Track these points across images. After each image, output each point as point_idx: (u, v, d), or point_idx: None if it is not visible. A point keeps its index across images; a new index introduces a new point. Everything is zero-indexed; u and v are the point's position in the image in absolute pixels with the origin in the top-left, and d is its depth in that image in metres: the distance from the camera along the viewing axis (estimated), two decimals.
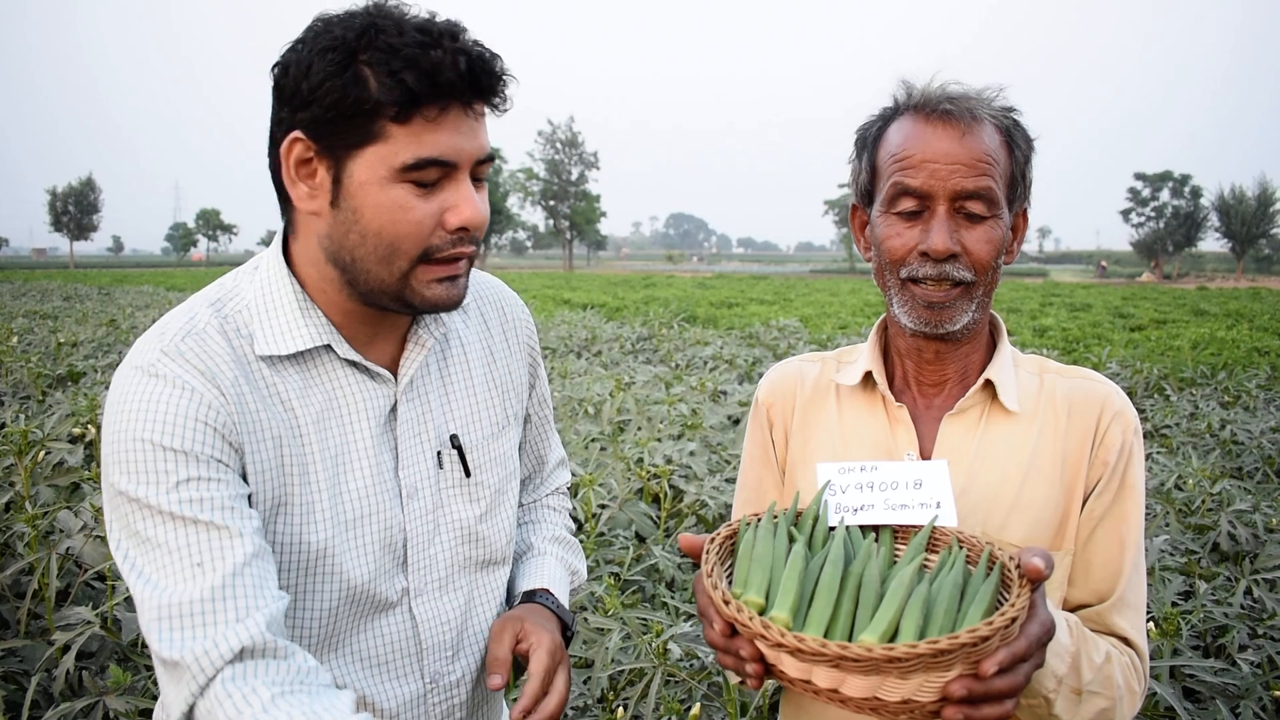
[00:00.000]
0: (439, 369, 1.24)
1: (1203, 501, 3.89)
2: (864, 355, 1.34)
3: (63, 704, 2.13)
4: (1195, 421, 6.01)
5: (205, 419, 1.02)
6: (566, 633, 1.32)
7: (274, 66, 1.06)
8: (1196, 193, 76.76)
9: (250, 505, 1.06)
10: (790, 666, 0.93)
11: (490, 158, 1.09)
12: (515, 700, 1.20)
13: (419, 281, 1.07)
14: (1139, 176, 77.74)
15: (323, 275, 1.12)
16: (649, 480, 3.92)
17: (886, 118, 1.26)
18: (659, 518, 3.77)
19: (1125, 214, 78.20)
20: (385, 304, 1.10)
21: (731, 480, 4.12)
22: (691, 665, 2.49)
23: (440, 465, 1.21)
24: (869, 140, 1.27)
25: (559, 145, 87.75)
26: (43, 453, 3.17)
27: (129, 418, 1.01)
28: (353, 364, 1.15)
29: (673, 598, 2.91)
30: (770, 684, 2.40)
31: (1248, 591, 3.06)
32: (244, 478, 1.06)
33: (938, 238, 1.17)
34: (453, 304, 1.10)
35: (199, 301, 1.13)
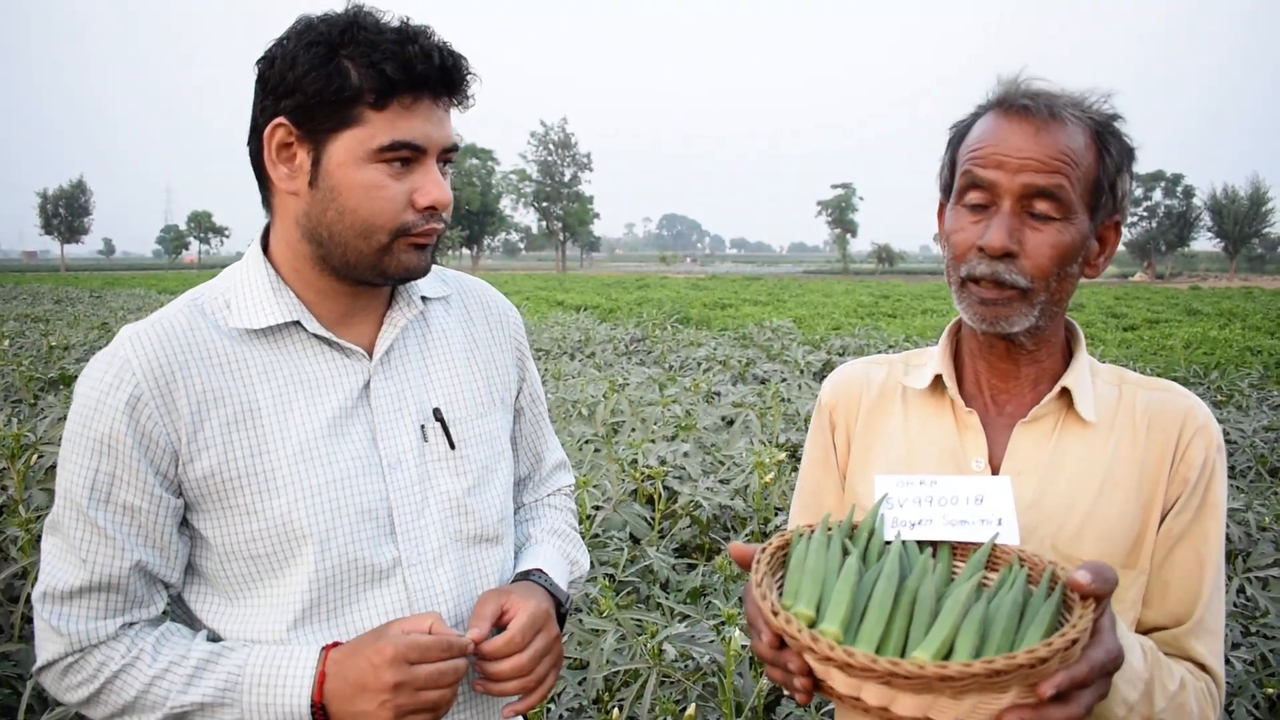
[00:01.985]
0: (419, 349, 1.30)
1: None
2: (934, 358, 1.30)
3: (57, 709, 2.12)
4: None
5: (135, 415, 1.11)
6: (560, 611, 1.32)
7: (259, 60, 1.17)
8: (1189, 192, 77.14)
9: (160, 507, 1.14)
10: (839, 682, 0.90)
11: (455, 147, 1.20)
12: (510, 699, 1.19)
13: (397, 250, 1.17)
14: (1131, 176, 78.06)
15: (296, 253, 1.20)
16: (643, 481, 3.93)
17: (976, 115, 1.22)
18: (653, 519, 3.77)
19: None
20: (361, 274, 1.19)
21: (725, 481, 4.13)
22: (686, 666, 2.50)
23: (425, 438, 1.26)
24: (956, 136, 1.24)
25: (552, 147, 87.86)
26: (35, 456, 3.16)
27: (76, 404, 1.14)
28: (323, 340, 1.21)
29: (667, 598, 2.91)
30: (765, 684, 2.41)
31: (1240, 590, 3.07)
32: (182, 464, 1.14)
33: (994, 234, 1.13)
34: (421, 271, 1.21)
35: (184, 295, 1.23)
